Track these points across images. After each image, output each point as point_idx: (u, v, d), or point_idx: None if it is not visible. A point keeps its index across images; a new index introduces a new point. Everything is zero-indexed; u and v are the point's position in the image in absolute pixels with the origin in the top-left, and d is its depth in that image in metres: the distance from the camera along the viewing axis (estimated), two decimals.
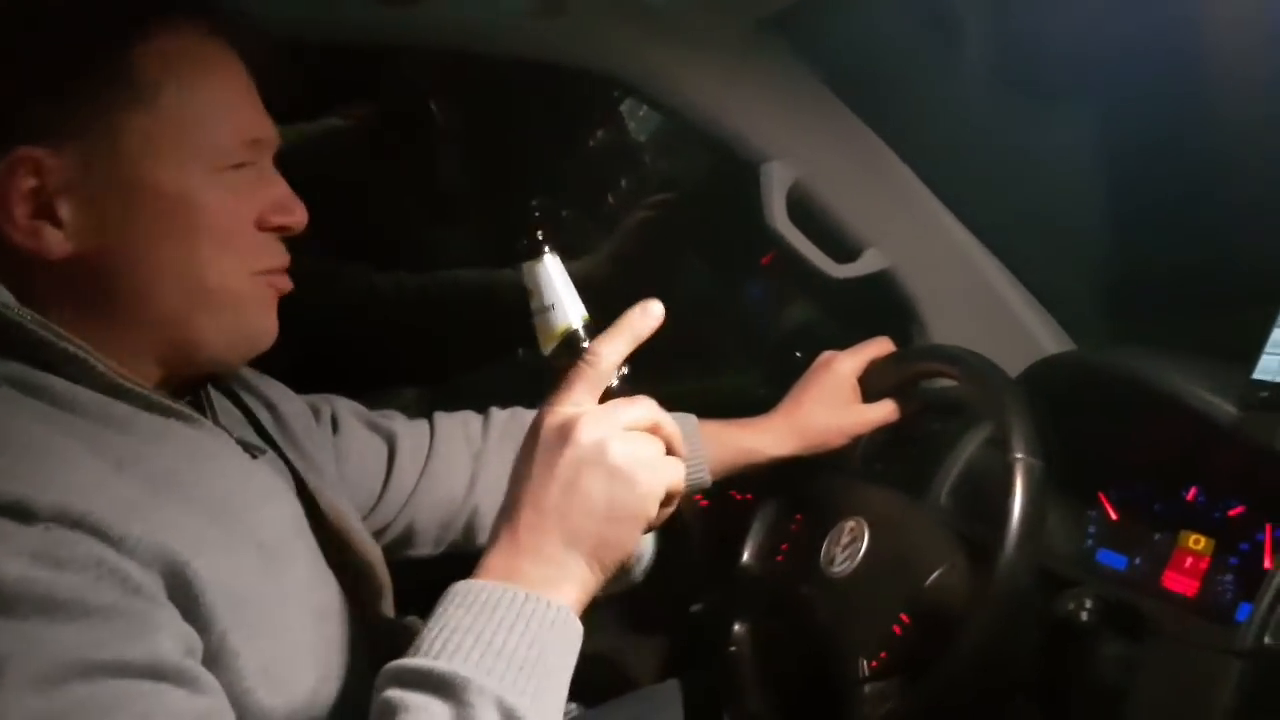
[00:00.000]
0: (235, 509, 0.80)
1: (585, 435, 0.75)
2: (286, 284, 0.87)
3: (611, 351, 0.79)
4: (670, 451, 0.80)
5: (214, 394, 0.92)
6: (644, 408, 0.79)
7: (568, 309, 0.83)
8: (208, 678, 0.70)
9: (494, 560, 0.75)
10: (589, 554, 0.75)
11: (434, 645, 0.70)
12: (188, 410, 0.83)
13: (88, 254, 0.77)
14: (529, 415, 1.21)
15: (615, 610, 1.65)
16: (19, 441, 0.70)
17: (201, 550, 0.72)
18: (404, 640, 0.94)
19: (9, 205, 0.75)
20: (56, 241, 0.76)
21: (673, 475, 0.78)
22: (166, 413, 0.81)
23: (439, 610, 0.73)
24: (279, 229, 0.85)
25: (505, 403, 1.28)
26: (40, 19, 0.78)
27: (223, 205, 0.80)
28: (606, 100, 2.04)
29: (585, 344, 0.82)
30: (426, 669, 0.69)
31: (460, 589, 0.74)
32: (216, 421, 0.89)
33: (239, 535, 0.78)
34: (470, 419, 1.24)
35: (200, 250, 0.79)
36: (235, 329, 0.84)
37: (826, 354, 1.31)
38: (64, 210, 0.76)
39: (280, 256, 0.86)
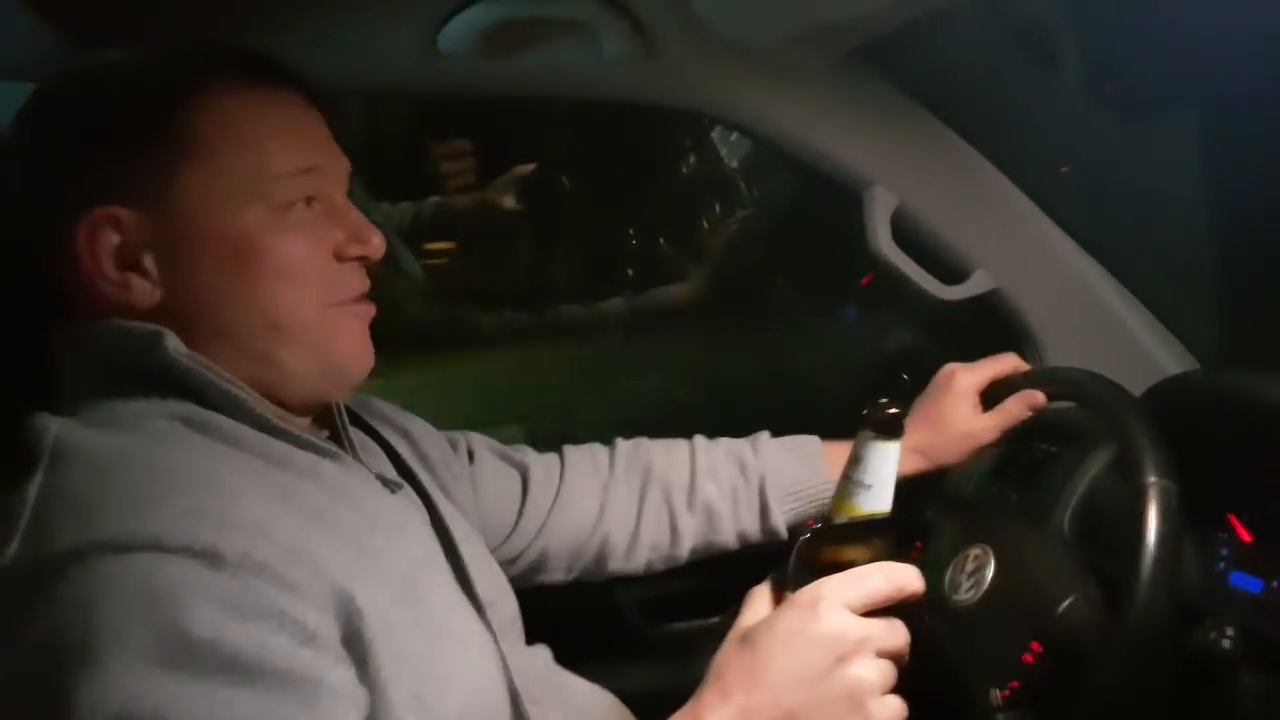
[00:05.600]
0: (378, 542, 0.84)
1: (860, 667, 0.74)
2: (370, 310, 0.90)
3: (910, 583, 0.78)
4: None
5: (353, 430, 0.97)
6: (903, 637, 0.78)
7: (883, 498, 0.78)
8: None
9: None
10: None
11: None
12: (332, 447, 0.88)
13: (174, 302, 0.82)
14: (651, 444, 1.26)
15: None
16: (200, 478, 0.74)
17: (357, 582, 0.76)
18: (534, 668, 0.98)
19: (98, 261, 0.81)
20: (145, 292, 0.82)
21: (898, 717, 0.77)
22: (314, 449, 0.86)
23: None
24: (357, 259, 0.88)
25: (611, 435, 1.30)
26: (100, 88, 0.84)
27: (289, 243, 0.84)
28: (697, 128, 2.06)
29: (873, 537, 0.79)
30: None
31: None
32: (356, 457, 0.93)
33: (384, 567, 0.82)
34: (597, 450, 1.26)
35: (269, 289, 0.83)
36: (320, 361, 0.87)
37: (949, 366, 1.28)
38: (148, 262, 0.82)
39: (359, 285, 0.89)
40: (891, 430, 0.77)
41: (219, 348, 0.83)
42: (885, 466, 0.77)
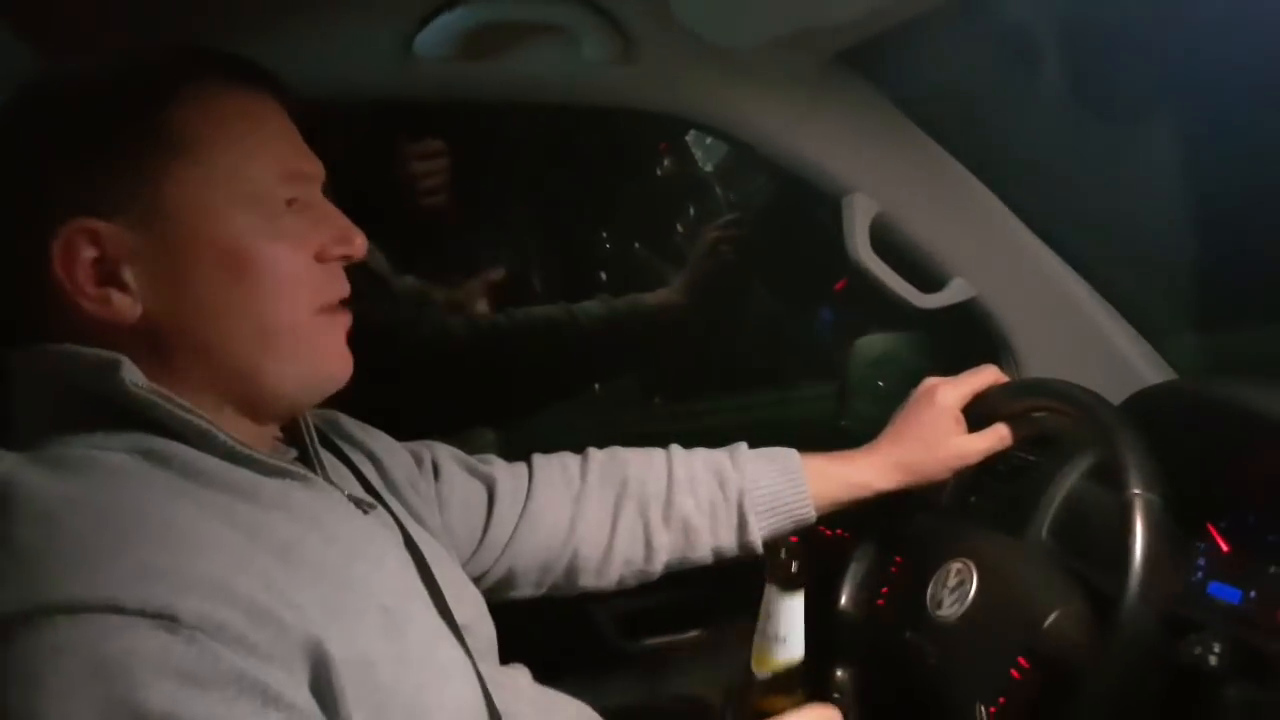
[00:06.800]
0: (357, 573, 0.81)
1: None
2: (348, 318, 0.88)
3: None
4: None
5: (320, 449, 0.93)
6: None
7: (796, 647, 0.84)
8: None
9: None
10: None
11: None
12: (301, 470, 0.85)
13: (158, 314, 0.78)
14: (627, 454, 1.23)
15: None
16: (157, 526, 0.71)
17: (332, 623, 0.74)
18: (515, 689, 0.96)
19: (75, 277, 0.76)
20: (126, 306, 0.78)
21: None
22: (282, 475, 0.83)
23: None
24: (340, 259, 0.86)
25: (584, 440, 1.27)
26: (78, 94, 0.80)
27: (278, 248, 0.81)
28: (672, 132, 2.05)
29: (794, 684, 0.85)
30: None
31: None
32: (327, 478, 0.90)
33: (363, 600, 0.79)
34: (568, 460, 1.22)
35: (261, 296, 0.81)
36: (308, 368, 0.85)
37: (930, 381, 1.25)
38: (128, 275, 0.78)
39: (341, 288, 0.87)
40: (796, 584, 0.83)
41: (202, 360, 0.80)
42: (795, 618, 0.83)
